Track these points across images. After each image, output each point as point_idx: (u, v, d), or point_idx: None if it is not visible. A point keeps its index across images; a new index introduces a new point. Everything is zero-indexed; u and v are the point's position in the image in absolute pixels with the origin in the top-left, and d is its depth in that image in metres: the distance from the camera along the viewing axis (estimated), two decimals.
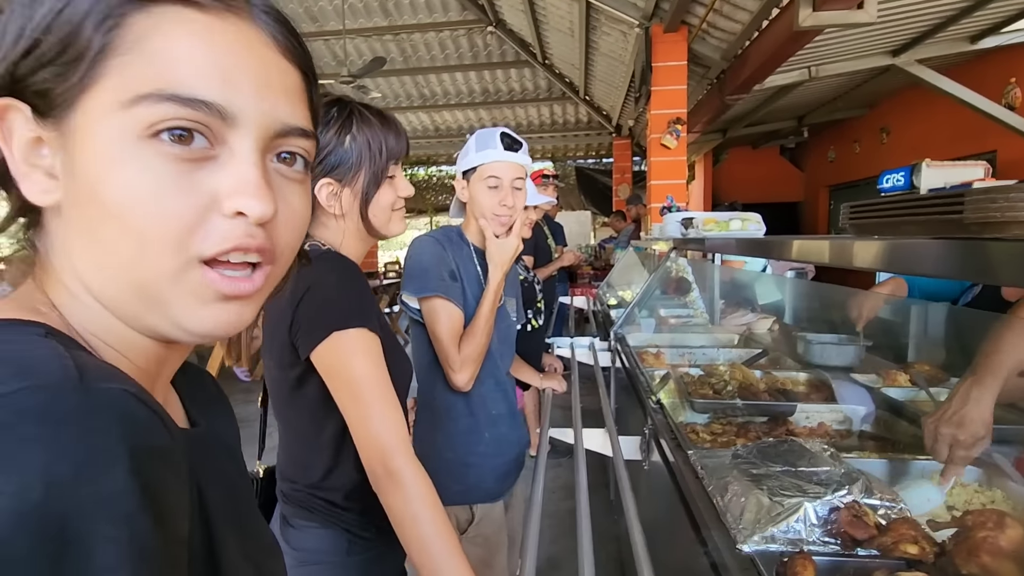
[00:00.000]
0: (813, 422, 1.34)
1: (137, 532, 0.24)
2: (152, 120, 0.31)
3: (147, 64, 0.31)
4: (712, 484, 0.94)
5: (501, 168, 1.31)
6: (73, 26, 0.30)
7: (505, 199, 1.32)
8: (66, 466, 0.23)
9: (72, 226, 0.33)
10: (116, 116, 0.31)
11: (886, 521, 0.77)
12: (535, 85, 7.76)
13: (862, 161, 7.06)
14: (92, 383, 0.26)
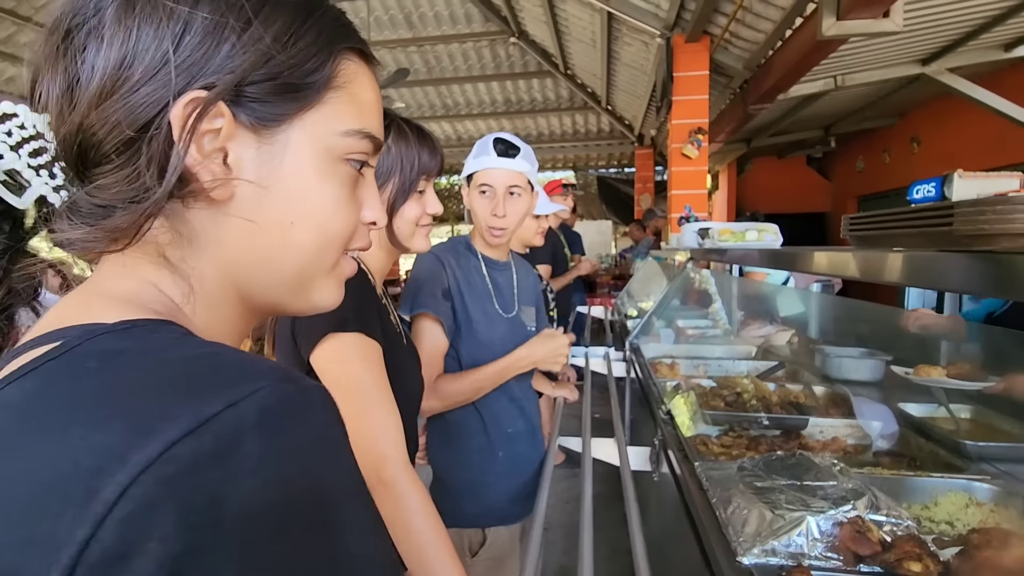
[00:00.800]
0: (827, 436, 1.32)
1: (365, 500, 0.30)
2: (352, 150, 0.38)
3: (353, 104, 0.38)
4: (716, 496, 0.94)
5: (493, 175, 1.28)
6: (308, 58, 0.36)
7: (496, 208, 1.28)
8: (317, 451, 0.27)
9: (243, 222, 0.36)
10: (330, 139, 0.37)
11: (891, 538, 0.76)
12: (557, 95, 7.80)
13: (892, 171, 6.90)
14: (299, 380, 0.29)
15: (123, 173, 0.33)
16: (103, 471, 0.23)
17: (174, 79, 0.32)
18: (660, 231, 5.32)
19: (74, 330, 0.30)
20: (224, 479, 0.23)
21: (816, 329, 2.38)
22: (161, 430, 0.24)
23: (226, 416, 0.25)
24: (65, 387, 0.27)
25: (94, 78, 0.32)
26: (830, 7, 2.83)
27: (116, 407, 0.25)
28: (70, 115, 0.33)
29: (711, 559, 0.82)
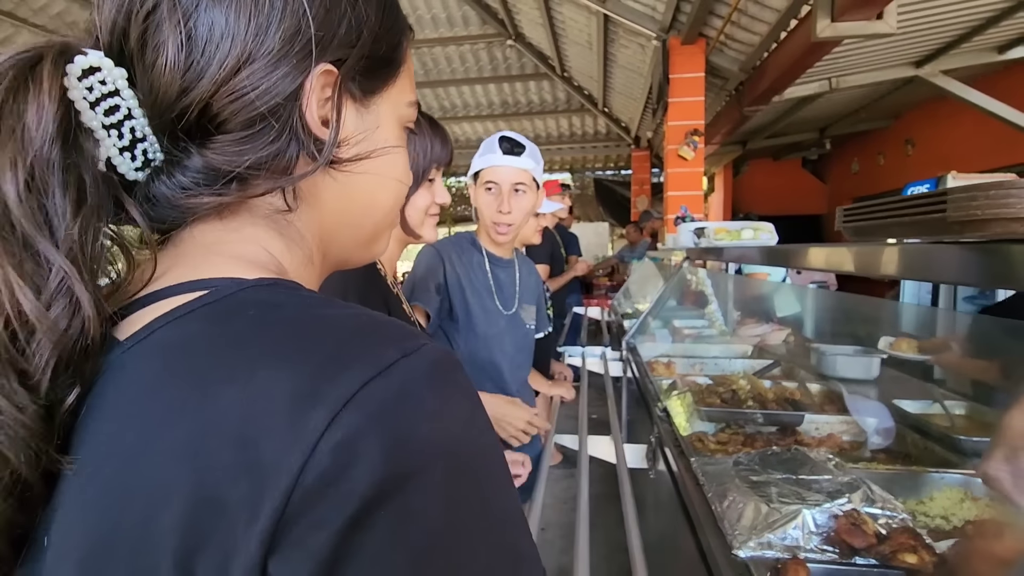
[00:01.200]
0: (823, 433, 1.32)
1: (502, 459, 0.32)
2: (411, 119, 0.44)
3: (409, 78, 0.43)
4: (712, 491, 0.93)
5: (498, 172, 1.30)
6: (397, 36, 0.41)
7: (502, 205, 1.30)
8: (471, 404, 0.30)
9: (346, 183, 0.39)
10: (402, 109, 0.42)
11: (886, 530, 0.76)
12: (554, 97, 7.81)
13: (887, 173, 6.93)
14: (438, 344, 0.32)
15: (254, 143, 0.34)
16: (301, 409, 0.25)
17: (314, 53, 0.34)
18: (657, 232, 5.33)
19: (220, 281, 0.32)
20: (409, 418, 0.27)
21: (812, 327, 2.39)
22: (347, 373, 0.26)
23: (403, 364, 0.28)
24: (234, 333, 0.29)
25: (222, 48, 0.32)
26: (824, 9, 2.85)
27: (296, 353, 0.28)
28: (194, 84, 0.32)
29: (707, 553, 0.82)
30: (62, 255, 0.29)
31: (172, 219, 0.35)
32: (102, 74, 0.32)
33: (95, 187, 0.31)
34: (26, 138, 0.29)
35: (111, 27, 0.33)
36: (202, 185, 0.34)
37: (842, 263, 0.93)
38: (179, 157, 0.33)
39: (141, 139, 0.33)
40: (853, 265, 0.72)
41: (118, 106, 0.32)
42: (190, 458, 0.26)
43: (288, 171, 0.35)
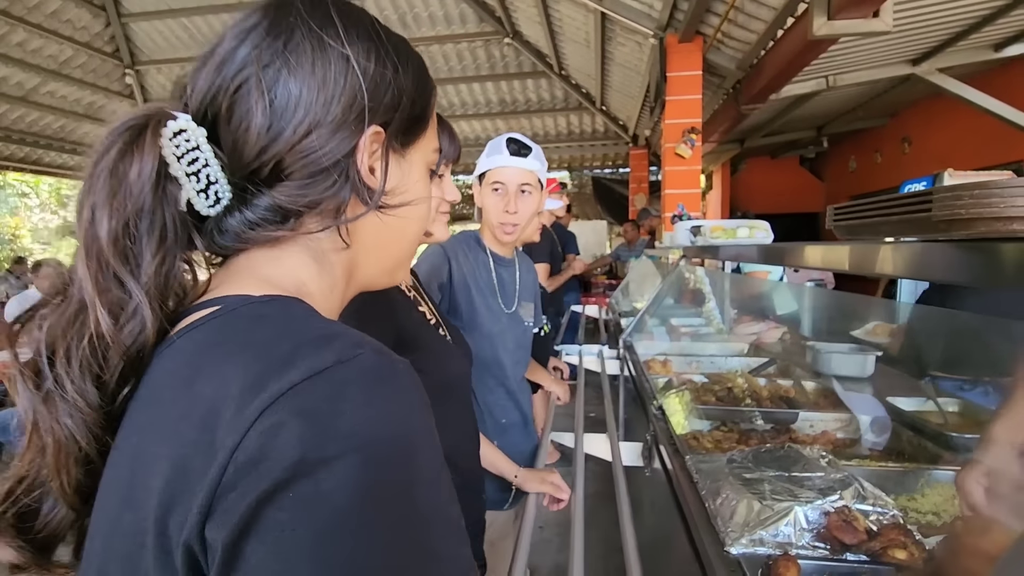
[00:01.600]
0: (817, 430, 1.33)
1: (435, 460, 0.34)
2: (435, 163, 0.52)
3: (433, 128, 0.51)
4: (705, 488, 0.94)
5: (506, 173, 1.31)
6: (427, 97, 0.49)
7: (509, 205, 1.31)
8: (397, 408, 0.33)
9: (380, 224, 0.46)
10: (429, 156, 0.51)
11: (877, 527, 0.77)
12: (551, 95, 7.80)
13: (884, 171, 6.95)
14: (389, 352, 0.36)
15: (314, 188, 0.42)
16: (245, 399, 0.31)
17: (367, 118, 0.43)
18: (655, 230, 5.34)
19: (233, 299, 0.39)
20: (332, 414, 0.31)
21: (808, 325, 2.39)
22: (289, 372, 0.32)
23: (337, 368, 0.32)
24: (222, 338, 0.36)
25: (296, 116, 0.41)
26: (821, 7, 2.85)
27: (256, 354, 0.34)
28: (271, 145, 0.40)
29: (700, 550, 0.82)
30: (141, 287, 0.37)
31: (234, 246, 0.43)
32: (188, 134, 0.40)
33: (175, 226, 0.39)
34: (128, 190, 0.37)
35: (203, 95, 0.42)
36: (266, 221, 0.42)
37: (834, 261, 0.93)
38: (251, 197, 0.41)
39: (214, 182, 0.41)
40: (846, 263, 0.73)
41: (197, 158, 0.40)
42: (174, 436, 0.33)
43: (339, 213, 0.43)
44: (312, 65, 0.41)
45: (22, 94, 6.83)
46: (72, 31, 6.47)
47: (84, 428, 0.37)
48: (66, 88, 7.09)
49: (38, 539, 0.39)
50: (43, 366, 0.37)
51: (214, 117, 0.41)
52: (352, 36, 0.43)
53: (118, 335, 0.37)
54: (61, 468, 0.37)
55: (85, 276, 0.37)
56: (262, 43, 0.41)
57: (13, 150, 7.69)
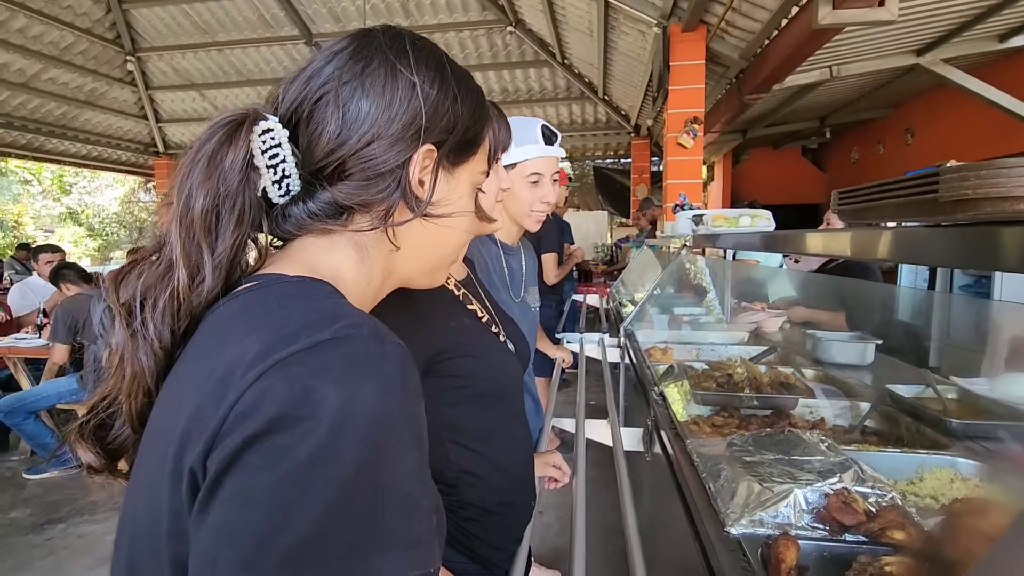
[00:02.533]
0: (816, 416, 1.34)
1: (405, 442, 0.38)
2: (481, 183, 0.60)
3: (484, 152, 0.59)
4: (706, 470, 0.95)
5: (542, 164, 1.27)
6: (480, 125, 0.56)
7: (547, 195, 1.29)
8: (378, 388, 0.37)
9: (422, 229, 0.53)
10: (476, 176, 0.58)
11: (876, 509, 0.78)
12: (554, 85, 7.77)
13: (886, 163, 6.93)
14: (385, 337, 0.41)
15: (368, 190, 0.48)
16: (253, 364, 0.37)
17: (422, 137, 0.49)
18: (656, 220, 5.33)
19: (270, 276, 0.47)
20: (313, 382, 0.36)
21: None
22: (291, 345, 0.37)
23: (329, 344, 0.38)
24: (251, 310, 0.43)
25: (362, 127, 0.48)
26: None
27: (272, 328, 0.39)
28: (338, 149, 0.47)
29: (700, 531, 0.83)
30: (215, 257, 0.45)
31: (293, 232, 0.50)
32: (274, 133, 0.47)
33: (251, 208, 0.46)
34: (221, 174, 0.45)
35: (291, 102, 0.49)
36: (324, 213, 0.48)
37: (836, 248, 0.93)
38: (314, 191, 0.48)
39: (287, 176, 0.48)
40: (848, 249, 0.73)
41: (278, 154, 0.47)
42: (200, 388, 0.39)
43: (388, 216, 0.50)
44: (383, 87, 0.48)
45: (23, 81, 6.81)
46: (73, 17, 6.43)
47: (153, 366, 0.45)
48: (67, 75, 7.06)
49: (108, 448, 0.48)
50: (136, 308, 0.45)
51: (296, 121, 0.49)
52: (421, 66, 0.50)
53: (189, 294, 0.45)
54: (132, 395, 0.45)
55: (176, 241, 0.44)
56: (345, 65, 0.49)
57: (15, 137, 7.67)
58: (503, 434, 0.89)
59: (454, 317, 0.84)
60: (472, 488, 0.84)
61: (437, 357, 0.79)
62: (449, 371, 0.79)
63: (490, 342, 0.88)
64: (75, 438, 0.48)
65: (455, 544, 0.84)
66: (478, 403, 0.83)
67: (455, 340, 0.81)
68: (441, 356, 0.79)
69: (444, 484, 0.83)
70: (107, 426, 0.48)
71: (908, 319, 2.19)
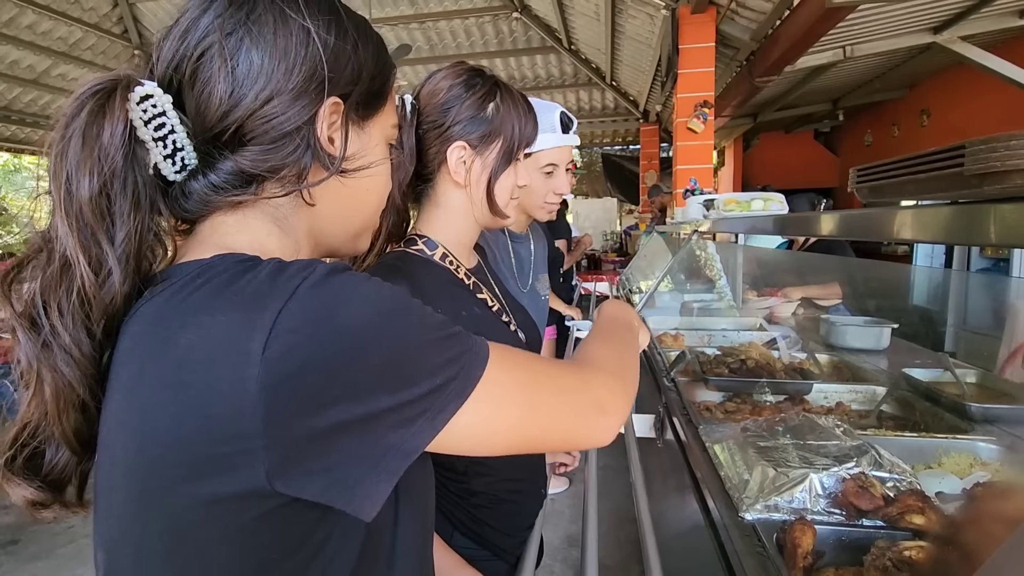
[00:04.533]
0: (831, 402, 1.32)
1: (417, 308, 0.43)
2: (393, 136, 0.55)
3: (393, 104, 0.55)
4: (718, 456, 0.94)
5: (560, 153, 1.21)
6: (386, 74, 0.52)
7: (561, 186, 1.23)
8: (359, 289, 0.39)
9: (341, 188, 0.49)
10: (388, 130, 0.54)
11: (894, 493, 0.76)
12: (561, 71, 7.68)
13: (901, 145, 6.80)
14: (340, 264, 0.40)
15: (275, 154, 0.44)
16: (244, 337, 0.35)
17: (326, 89, 0.45)
18: (665, 207, 5.28)
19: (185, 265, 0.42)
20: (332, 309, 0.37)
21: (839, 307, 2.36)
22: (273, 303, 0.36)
23: (304, 286, 0.37)
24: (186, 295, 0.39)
25: (257, 83, 0.43)
26: None
27: (227, 299, 0.37)
28: (233, 110, 0.43)
29: (714, 517, 0.82)
30: (117, 247, 0.40)
31: (198, 211, 0.45)
32: (154, 99, 0.41)
33: (145, 189, 0.41)
34: (102, 152, 0.39)
35: (168, 62, 0.44)
36: (229, 185, 0.44)
37: (853, 229, 0.91)
38: (214, 161, 0.44)
39: (180, 148, 0.43)
40: (866, 231, 0.71)
41: (164, 123, 0.42)
42: (176, 385, 0.36)
43: (301, 179, 0.46)
44: (274, 35, 0.43)
45: (34, 77, 6.85)
46: (81, 12, 6.44)
47: (79, 375, 0.40)
48: (77, 70, 7.08)
49: (48, 480, 0.42)
50: (38, 316, 0.39)
51: (179, 84, 0.43)
52: (313, 10, 0.45)
53: (99, 291, 0.40)
54: (61, 413, 0.40)
55: (67, 235, 0.39)
56: (225, 12, 0.43)
57: (28, 133, 7.74)
58: None
59: (465, 307, 0.84)
60: (481, 476, 0.84)
61: None
62: None
63: (500, 332, 0.87)
64: (3, 477, 0.41)
65: (465, 530, 0.84)
66: None
67: (467, 330, 0.80)
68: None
69: (454, 472, 0.83)
70: (40, 454, 0.42)
71: (924, 302, 2.16)
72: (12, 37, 6.13)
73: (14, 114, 7.25)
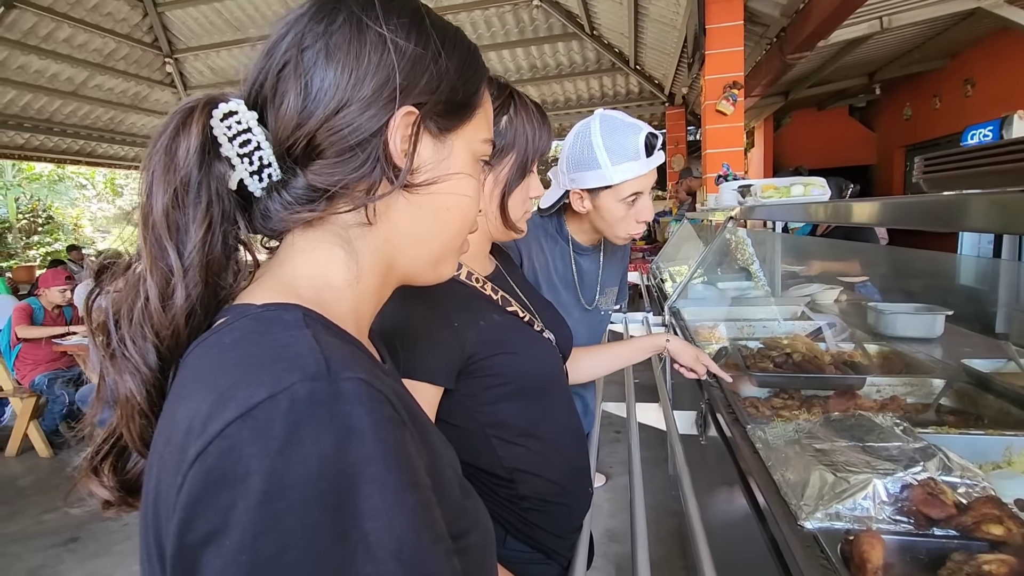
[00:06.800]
0: (886, 395, 1.26)
1: (390, 484, 0.32)
2: (485, 153, 0.52)
3: (486, 119, 0.51)
4: (772, 459, 0.91)
5: (644, 181, 1.11)
6: (474, 85, 0.49)
7: (644, 212, 1.13)
8: (331, 440, 0.31)
9: (417, 204, 0.46)
10: (476, 145, 0.50)
11: (967, 500, 0.72)
12: (583, 58, 7.56)
13: (943, 117, 6.49)
14: (339, 372, 0.34)
15: (344, 167, 0.42)
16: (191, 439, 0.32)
17: (398, 99, 0.42)
18: (694, 192, 5.17)
19: (238, 309, 0.41)
20: (255, 456, 0.31)
21: (872, 287, 2.28)
22: (225, 411, 0.32)
23: (265, 407, 0.32)
24: (207, 356, 0.38)
25: (327, 94, 0.41)
26: None
27: (212, 385, 0.34)
28: (304, 123, 0.41)
29: (769, 523, 0.79)
30: (183, 259, 0.40)
31: (278, 229, 0.44)
32: (238, 116, 0.41)
33: (220, 202, 0.41)
34: (175, 165, 0.40)
35: (253, 80, 0.44)
36: (300, 201, 0.42)
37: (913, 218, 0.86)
38: (287, 178, 0.42)
39: (267, 165, 0.42)
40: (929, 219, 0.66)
41: (250, 140, 0.42)
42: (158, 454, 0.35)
43: (371, 193, 0.43)
44: (349, 44, 0.42)
45: (72, 89, 7.10)
46: (113, 24, 6.62)
47: (142, 386, 0.40)
48: (112, 80, 7.31)
49: (125, 479, 0.44)
50: (111, 327, 0.41)
51: (263, 102, 0.43)
52: (392, 17, 0.43)
53: (161, 305, 0.40)
54: (128, 421, 0.41)
55: (143, 246, 0.40)
56: (305, 27, 0.42)
57: (69, 144, 8.04)
58: (549, 425, 0.87)
59: (483, 316, 0.82)
60: (526, 482, 0.83)
61: (471, 359, 0.77)
62: (485, 371, 0.78)
63: (524, 335, 0.86)
64: (87, 473, 0.43)
65: (517, 534, 0.84)
66: (518, 398, 0.82)
67: (487, 339, 0.79)
68: (475, 358, 0.78)
69: (499, 479, 0.82)
70: (123, 458, 0.44)
71: (974, 286, 2.06)
72: (50, 51, 6.34)
73: (56, 126, 7.53)
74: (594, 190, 1.13)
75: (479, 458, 0.82)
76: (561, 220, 1.26)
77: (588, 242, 1.27)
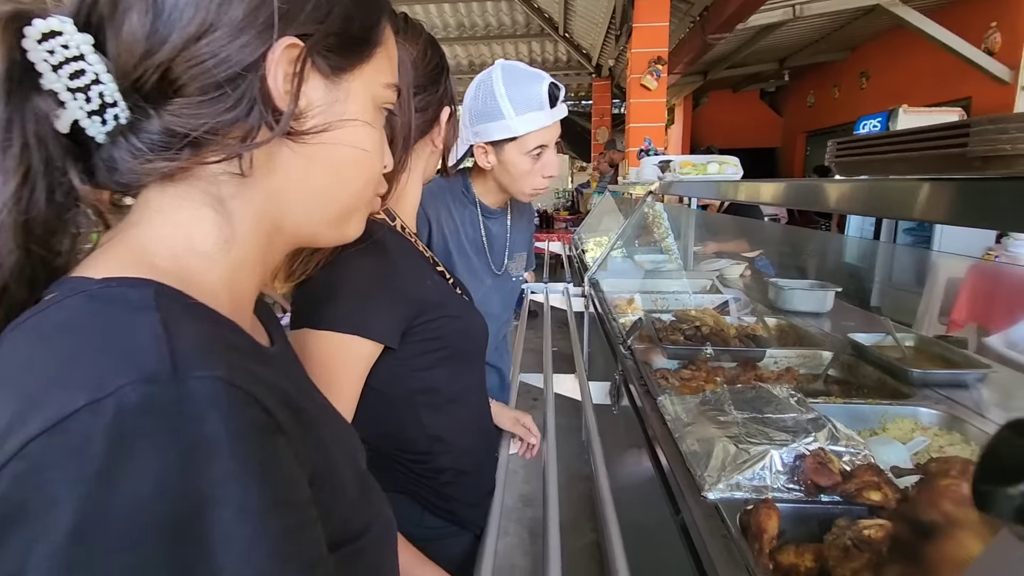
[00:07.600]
0: (781, 367, 1.35)
1: (251, 506, 0.27)
2: (389, 100, 0.44)
3: (389, 60, 0.44)
4: (679, 431, 0.93)
5: (548, 133, 1.08)
6: (373, 17, 0.41)
7: (549, 166, 1.10)
8: (172, 458, 0.25)
9: (307, 155, 0.39)
10: (377, 90, 0.42)
11: (851, 468, 0.77)
12: (512, 20, 7.38)
13: (840, 106, 7.00)
14: (189, 369, 0.27)
15: (211, 108, 0.34)
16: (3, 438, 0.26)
17: (276, 26, 0.35)
18: (617, 165, 5.26)
19: (73, 283, 0.32)
20: (63, 482, 0.24)
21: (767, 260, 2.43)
22: (31, 421, 0.25)
23: (82, 415, 0.25)
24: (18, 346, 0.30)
25: (185, 14, 0.33)
26: None
27: (19, 385, 0.27)
28: (156, 50, 0.33)
29: (675, 494, 0.82)
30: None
31: (130, 183, 0.36)
32: (64, 38, 0.32)
33: (43, 148, 0.33)
34: None
35: None
36: (157, 149, 0.34)
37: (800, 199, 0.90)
38: (138, 120, 0.34)
39: (112, 104, 0.34)
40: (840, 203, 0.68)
41: (84, 70, 0.33)
42: None
43: (247, 141, 0.36)
44: None
45: None
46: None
47: None
48: None
49: None
50: None
51: (98, 20, 0.34)
52: None
53: None
54: None
55: None
56: None
57: None
58: (474, 394, 0.87)
59: (428, 275, 0.79)
60: (446, 453, 0.81)
61: (417, 319, 0.73)
62: (428, 333, 0.75)
63: (459, 300, 0.84)
64: None
65: (435, 510, 0.82)
66: (453, 363, 0.80)
67: (432, 300, 0.76)
68: (421, 318, 0.74)
69: (416, 453, 0.79)
70: None
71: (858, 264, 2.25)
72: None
73: None
74: (499, 143, 1.09)
75: (402, 430, 0.78)
76: (467, 181, 1.20)
77: (495, 204, 1.22)
